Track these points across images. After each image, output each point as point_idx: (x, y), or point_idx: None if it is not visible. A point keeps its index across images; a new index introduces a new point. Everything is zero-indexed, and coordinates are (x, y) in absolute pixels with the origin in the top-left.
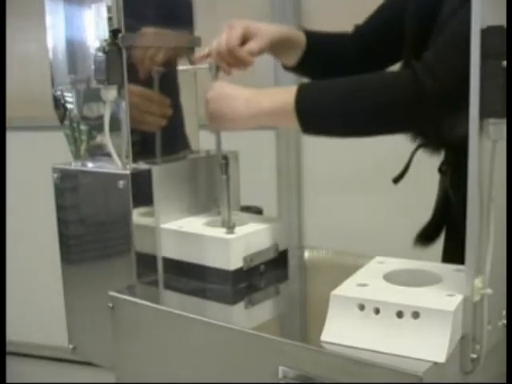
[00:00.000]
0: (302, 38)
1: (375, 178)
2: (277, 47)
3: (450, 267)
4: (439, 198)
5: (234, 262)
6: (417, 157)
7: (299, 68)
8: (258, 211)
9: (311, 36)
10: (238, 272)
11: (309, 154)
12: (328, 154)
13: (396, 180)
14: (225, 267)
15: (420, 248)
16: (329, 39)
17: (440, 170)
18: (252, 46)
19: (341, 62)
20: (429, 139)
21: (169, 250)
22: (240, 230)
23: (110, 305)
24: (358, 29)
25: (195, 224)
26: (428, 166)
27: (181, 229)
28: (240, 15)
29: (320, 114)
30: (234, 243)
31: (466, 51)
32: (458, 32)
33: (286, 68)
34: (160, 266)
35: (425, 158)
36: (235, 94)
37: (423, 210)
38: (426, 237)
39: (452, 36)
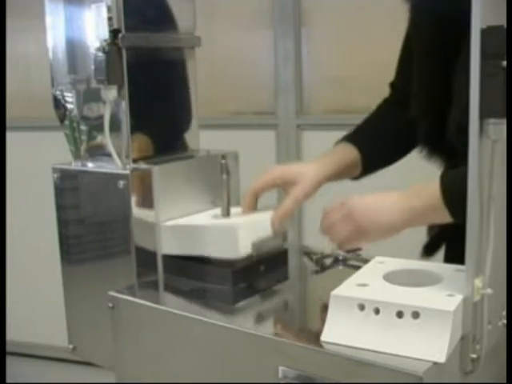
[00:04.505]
0: (352, 157)
1: (375, 177)
2: (331, 179)
3: (450, 267)
4: None
5: (242, 248)
6: (416, 162)
7: (363, 175)
8: None
9: (362, 146)
10: (239, 271)
11: (309, 154)
12: None
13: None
14: (233, 256)
15: (425, 259)
16: (380, 133)
17: None
18: (296, 191)
19: (398, 137)
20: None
21: (171, 246)
22: (246, 218)
23: (110, 305)
24: (394, 87)
25: (197, 219)
26: (427, 170)
27: (186, 222)
28: (240, 15)
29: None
30: (241, 229)
31: None
32: None
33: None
34: (160, 265)
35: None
36: (380, 201)
37: None
38: (431, 249)
39: None
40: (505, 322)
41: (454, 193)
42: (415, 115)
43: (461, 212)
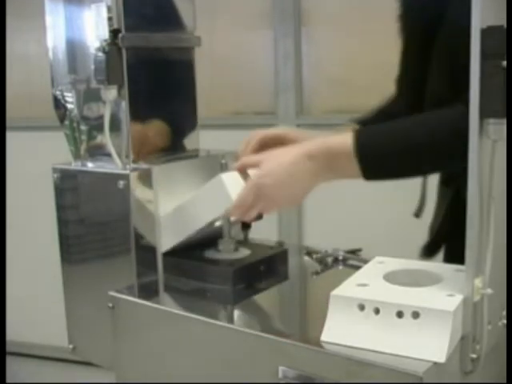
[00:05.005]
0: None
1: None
2: None
3: (450, 267)
4: (441, 210)
5: (233, 194)
6: None
7: None
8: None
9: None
10: (239, 271)
11: None
12: None
13: (417, 214)
14: (226, 204)
15: (425, 259)
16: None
17: (443, 182)
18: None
19: None
20: None
21: (171, 237)
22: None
23: (110, 305)
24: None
25: None
26: None
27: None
28: (240, 15)
29: (382, 161)
30: (225, 176)
31: None
32: None
33: None
34: (160, 265)
35: None
36: (290, 172)
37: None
38: (430, 250)
39: None
40: (505, 322)
41: (369, 149)
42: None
43: (374, 169)
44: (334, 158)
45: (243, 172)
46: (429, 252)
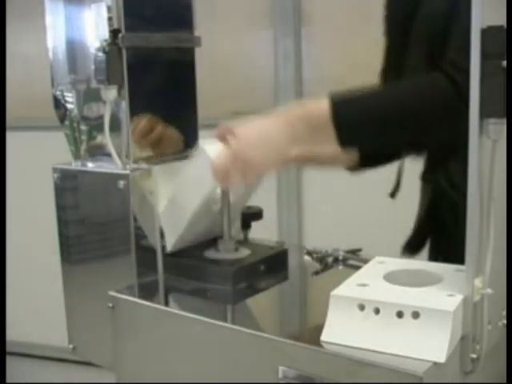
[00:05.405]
0: None
1: (375, 177)
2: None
3: (450, 267)
4: (423, 207)
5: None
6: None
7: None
8: (258, 211)
9: None
10: (239, 271)
11: None
12: None
13: (392, 194)
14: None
15: (408, 257)
16: None
17: (423, 178)
18: None
19: None
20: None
21: (172, 229)
22: None
23: (110, 305)
24: None
25: None
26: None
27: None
28: (240, 15)
29: (356, 125)
30: (208, 148)
31: None
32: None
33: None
34: (160, 265)
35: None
36: (266, 134)
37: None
38: (412, 247)
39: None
40: (505, 322)
41: (344, 113)
42: None
43: (348, 135)
44: (310, 122)
45: (224, 141)
46: (410, 249)
